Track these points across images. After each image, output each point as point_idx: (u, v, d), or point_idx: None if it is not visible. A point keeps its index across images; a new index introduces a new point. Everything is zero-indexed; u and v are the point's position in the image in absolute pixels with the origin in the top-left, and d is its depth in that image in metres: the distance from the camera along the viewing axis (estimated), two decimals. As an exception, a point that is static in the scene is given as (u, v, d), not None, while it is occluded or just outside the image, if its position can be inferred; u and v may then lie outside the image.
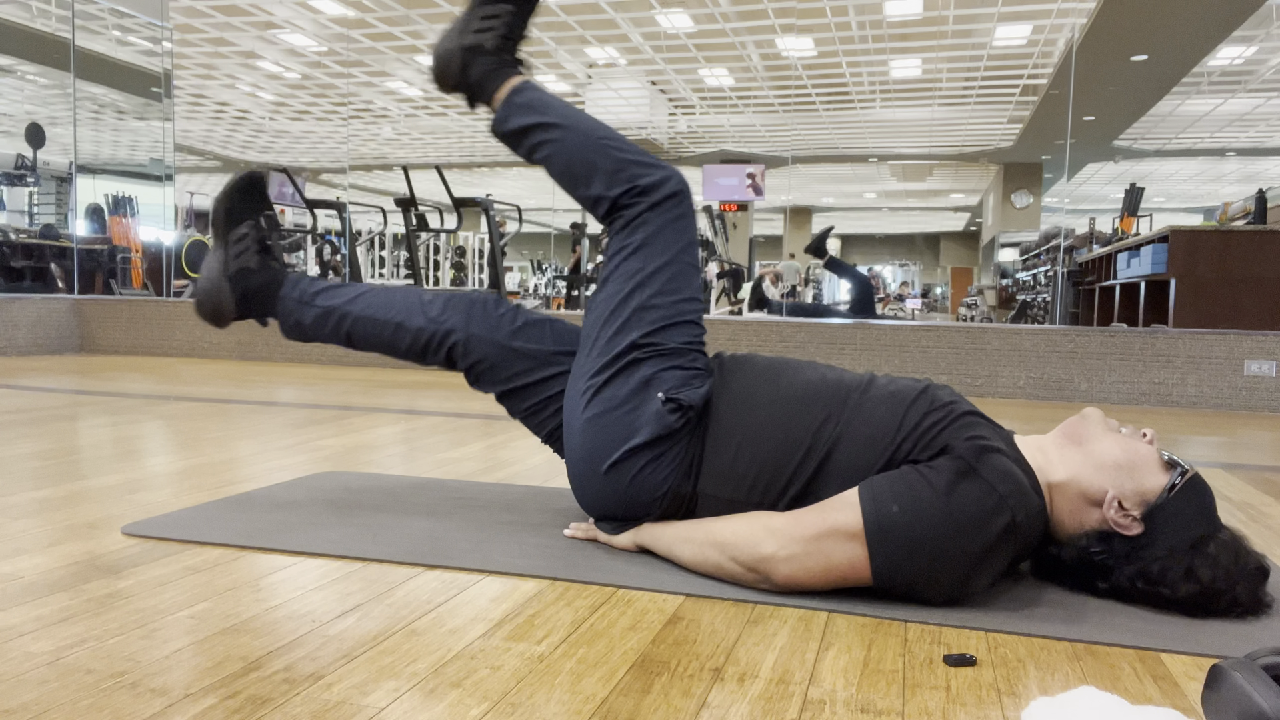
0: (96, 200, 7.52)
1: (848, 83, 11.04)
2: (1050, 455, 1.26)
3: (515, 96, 1.50)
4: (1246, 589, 1.17)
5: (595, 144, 1.45)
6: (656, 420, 1.32)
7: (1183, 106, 10.77)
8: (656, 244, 1.41)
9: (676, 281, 1.41)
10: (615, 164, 1.43)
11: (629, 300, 1.39)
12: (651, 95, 11.80)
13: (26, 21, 7.57)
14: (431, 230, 7.69)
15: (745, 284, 9.84)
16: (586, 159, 1.45)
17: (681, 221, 1.44)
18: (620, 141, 1.46)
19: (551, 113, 1.48)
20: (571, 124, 1.47)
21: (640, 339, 1.37)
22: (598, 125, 1.48)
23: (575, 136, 1.46)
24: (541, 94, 1.51)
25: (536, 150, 1.50)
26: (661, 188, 1.42)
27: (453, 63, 1.53)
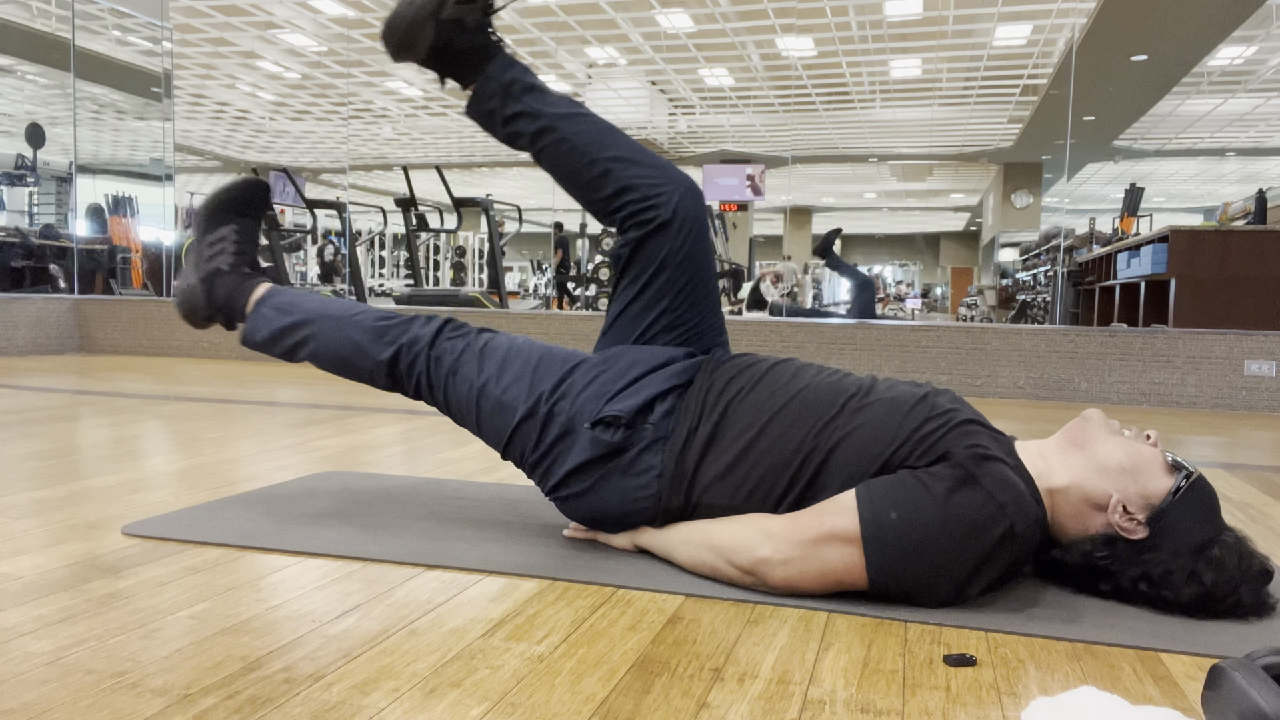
0: (96, 200, 7.53)
1: (848, 83, 11.04)
2: (1052, 460, 1.25)
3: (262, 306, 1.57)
4: (1250, 592, 1.16)
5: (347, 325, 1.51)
6: (592, 445, 1.32)
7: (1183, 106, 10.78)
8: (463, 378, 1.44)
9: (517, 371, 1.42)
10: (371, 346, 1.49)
11: (488, 391, 1.42)
12: (651, 95, 11.80)
13: (26, 21, 7.57)
14: (431, 230, 7.69)
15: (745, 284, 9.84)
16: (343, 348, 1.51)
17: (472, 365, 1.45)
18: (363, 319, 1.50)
19: (299, 311, 1.54)
20: (320, 315, 1.52)
21: (546, 392, 1.37)
22: (344, 306, 1.53)
23: (328, 325, 1.51)
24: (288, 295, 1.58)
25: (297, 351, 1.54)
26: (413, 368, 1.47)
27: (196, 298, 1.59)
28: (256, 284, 1.59)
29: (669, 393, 1.36)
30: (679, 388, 1.37)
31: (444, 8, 1.44)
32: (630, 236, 1.44)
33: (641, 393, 1.34)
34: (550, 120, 1.45)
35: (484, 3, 1.47)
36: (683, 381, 1.37)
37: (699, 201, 1.45)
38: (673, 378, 1.37)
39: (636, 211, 1.42)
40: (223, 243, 1.59)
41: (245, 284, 1.59)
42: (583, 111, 1.47)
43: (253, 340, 1.57)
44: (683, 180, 1.44)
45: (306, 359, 1.54)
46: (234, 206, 1.62)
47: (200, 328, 1.62)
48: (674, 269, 1.43)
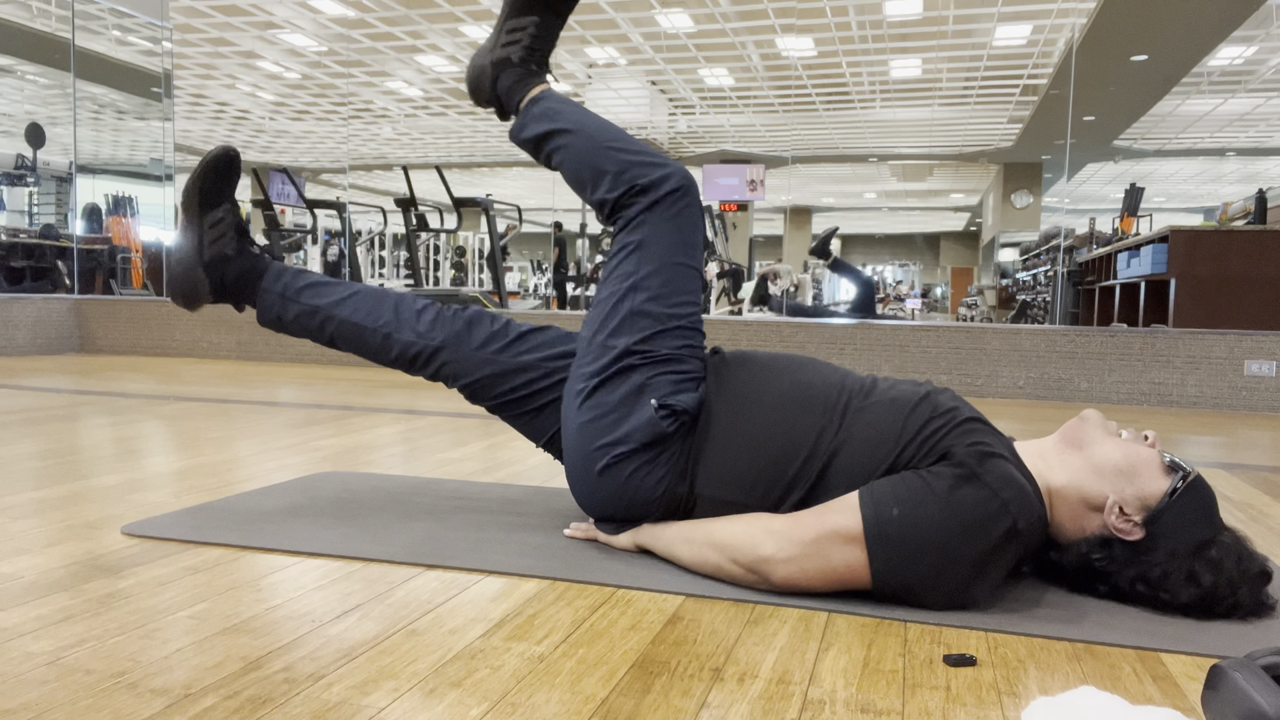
0: (96, 200, 7.53)
1: (848, 83, 11.04)
2: (1050, 460, 1.25)
3: (533, 106, 1.52)
4: (1249, 593, 1.16)
5: (600, 148, 1.45)
6: (649, 426, 1.32)
7: (1183, 106, 10.77)
8: (653, 245, 1.41)
9: (671, 285, 1.40)
10: (618, 165, 1.43)
11: (622, 304, 1.39)
12: (651, 95, 11.80)
13: (26, 21, 7.57)
14: (431, 230, 7.69)
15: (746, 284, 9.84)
16: (592, 163, 1.46)
17: (681, 219, 1.43)
18: (627, 143, 1.45)
19: (562, 119, 1.49)
20: (580, 129, 1.47)
21: (633, 345, 1.36)
22: (606, 129, 1.48)
23: (582, 141, 1.47)
24: (555, 102, 1.52)
25: (551, 157, 1.52)
26: (661, 185, 1.42)
27: (483, 78, 1.57)
28: (536, 83, 1.55)
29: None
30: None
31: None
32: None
33: (696, 391, 1.36)
34: (328, 310, 1.52)
35: (234, 230, 1.54)
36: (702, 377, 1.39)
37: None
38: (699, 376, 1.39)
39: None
40: (522, 32, 1.54)
41: (527, 80, 1.55)
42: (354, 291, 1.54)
43: (517, 137, 1.55)
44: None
45: (557, 168, 1.52)
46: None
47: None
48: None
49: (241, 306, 1.60)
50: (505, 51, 1.55)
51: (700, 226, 1.46)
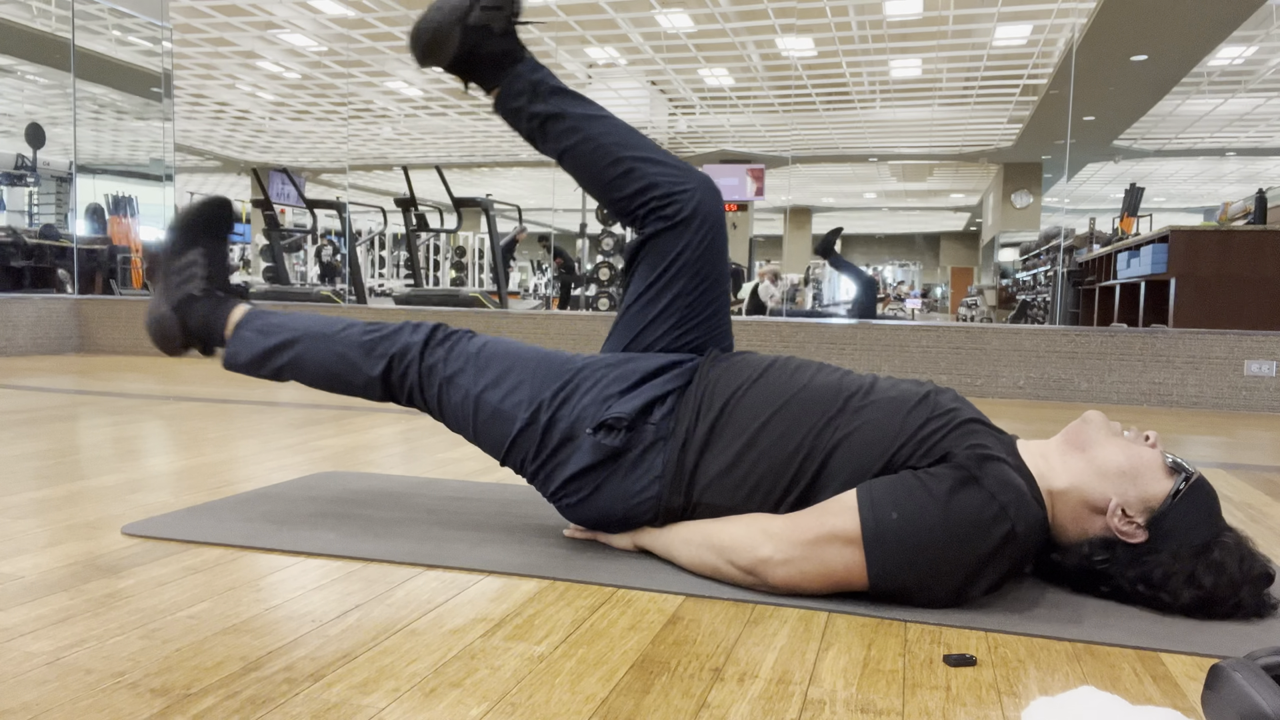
0: (96, 200, 7.53)
1: (848, 83, 11.03)
2: (1052, 462, 1.25)
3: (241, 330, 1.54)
4: (1251, 594, 1.16)
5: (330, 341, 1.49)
6: (594, 450, 1.32)
7: (1183, 106, 10.77)
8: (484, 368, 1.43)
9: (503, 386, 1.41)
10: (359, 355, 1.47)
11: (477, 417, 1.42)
12: (651, 95, 11.80)
13: (26, 21, 7.57)
14: (431, 230, 7.69)
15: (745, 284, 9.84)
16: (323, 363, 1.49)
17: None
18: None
19: (284, 331, 1.52)
20: (305, 333, 1.51)
21: (545, 400, 1.36)
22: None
23: (310, 344, 1.50)
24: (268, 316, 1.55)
25: (281, 373, 1.53)
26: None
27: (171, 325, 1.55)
28: (232, 307, 1.56)
29: (668, 395, 1.36)
30: (678, 389, 1.36)
31: (470, 14, 1.45)
32: (649, 231, 1.44)
33: (642, 395, 1.34)
34: (575, 120, 1.46)
35: (510, 10, 1.47)
36: (682, 383, 1.37)
37: (719, 200, 1.46)
38: (672, 380, 1.37)
39: (659, 207, 1.43)
40: (192, 267, 1.55)
41: (220, 308, 1.55)
42: (606, 114, 1.48)
43: (235, 364, 1.54)
44: (704, 179, 1.46)
45: (293, 379, 1.53)
46: (199, 227, 1.58)
47: (175, 355, 1.59)
48: (689, 264, 1.43)
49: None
50: (183, 290, 1.55)
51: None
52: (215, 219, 1.59)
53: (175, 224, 1.57)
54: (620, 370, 1.38)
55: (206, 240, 1.57)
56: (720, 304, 1.48)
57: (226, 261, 1.60)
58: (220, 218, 1.60)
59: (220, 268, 1.58)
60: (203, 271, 1.55)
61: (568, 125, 1.46)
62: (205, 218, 1.58)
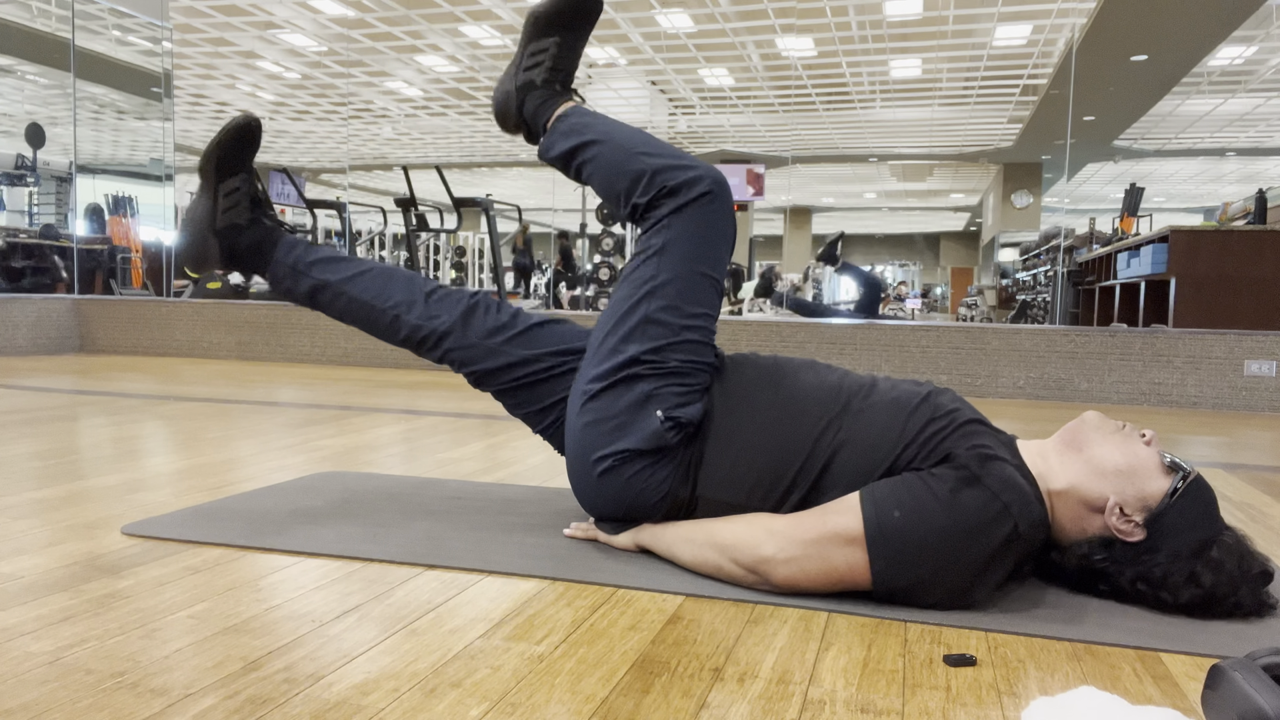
0: (96, 200, 7.53)
1: (848, 83, 11.04)
2: (1051, 462, 1.25)
3: (559, 124, 1.52)
4: (1250, 593, 1.16)
5: (630, 154, 1.44)
6: (654, 437, 1.31)
7: (1183, 106, 10.78)
8: (675, 251, 1.39)
9: (687, 295, 1.38)
10: (648, 169, 1.42)
11: (637, 309, 1.38)
12: (651, 95, 11.80)
13: (26, 21, 7.57)
14: (431, 230, 7.69)
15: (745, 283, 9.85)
16: (622, 170, 1.45)
17: (708, 224, 1.41)
18: (657, 147, 1.45)
19: (590, 132, 1.49)
20: (608, 138, 1.47)
21: (643, 353, 1.35)
22: (635, 136, 1.47)
23: (611, 150, 1.46)
24: (583, 116, 1.52)
25: (581, 171, 1.51)
26: (691, 188, 1.40)
27: (509, 104, 1.56)
28: (561, 102, 1.55)
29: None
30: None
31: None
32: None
33: (700, 401, 1.35)
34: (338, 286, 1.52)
35: (249, 199, 1.53)
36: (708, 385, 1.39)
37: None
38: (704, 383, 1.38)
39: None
40: (543, 55, 1.54)
41: (551, 101, 1.54)
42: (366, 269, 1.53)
43: (547, 155, 1.55)
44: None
45: (587, 182, 1.52)
46: (564, 19, 1.54)
47: (511, 133, 1.60)
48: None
49: (250, 276, 1.60)
50: (529, 75, 1.55)
51: (729, 233, 1.43)
52: (252, 141, 1.55)
53: (544, 8, 1.53)
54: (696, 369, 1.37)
55: (566, 33, 1.55)
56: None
57: (577, 58, 1.59)
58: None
59: (569, 61, 1.57)
60: (551, 62, 1.54)
61: (332, 292, 1.52)
62: (575, 9, 1.54)
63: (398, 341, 1.52)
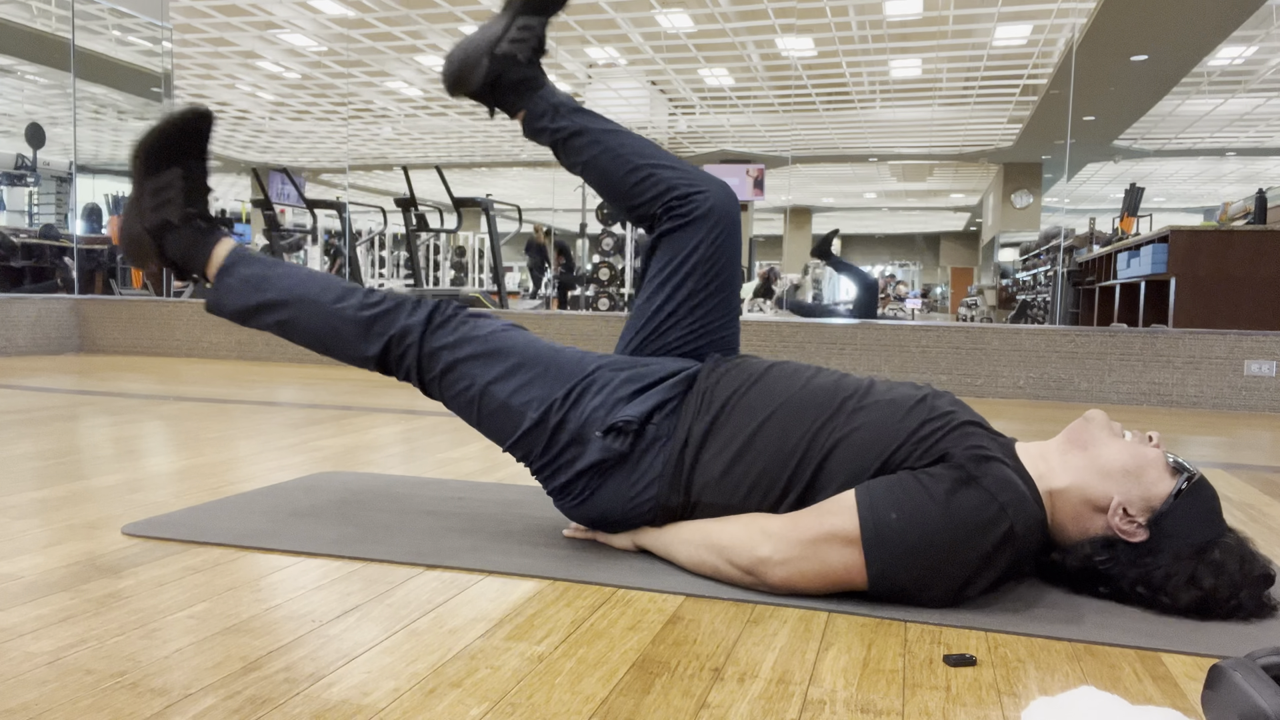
0: (96, 200, 7.53)
1: (848, 83, 11.04)
2: (1053, 461, 1.25)
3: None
4: (1251, 595, 1.16)
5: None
6: (602, 452, 1.32)
7: (1183, 106, 10.78)
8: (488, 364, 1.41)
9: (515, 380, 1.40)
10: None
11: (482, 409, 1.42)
12: (651, 95, 11.80)
13: (26, 21, 7.57)
14: (431, 230, 7.69)
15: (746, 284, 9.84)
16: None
17: None
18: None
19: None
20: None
21: (546, 409, 1.36)
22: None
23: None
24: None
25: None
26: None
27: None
28: (215, 242, 1.48)
29: (673, 399, 1.36)
30: (682, 393, 1.37)
31: (498, 44, 1.53)
32: (665, 228, 1.47)
33: (651, 399, 1.35)
34: (595, 135, 1.52)
35: (536, 40, 1.54)
36: (686, 388, 1.38)
37: (735, 203, 1.49)
38: (679, 384, 1.38)
39: (675, 206, 1.46)
40: (168, 190, 1.44)
41: (203, 242, 1.47)
42: (623, 129, 1.54)
43: (219, 311, 1.48)
44: (720, 184, 1.49)
45: (280, 336, 1.48)
46: (178, 145, 1.44)
47: (149, 273, 1.58)
48: (702, 260, 1.45)
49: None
50: (160, 215, 1.45)
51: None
52: (196, 132, 1.45)
53: (150, 139, 1.43)
54: (630, 373, 1.39)
55: (186, 159, 1.45)
56: (731, 306, 1.50)
57: (206, 183, 1.50)
58: (202, 131, 1.46)
59: (201, 191, 1.48)
60: (181, 197, 1.45)
61: (589, 139, 1.52)
62: (185, 131, 1.43)
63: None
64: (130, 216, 1.47)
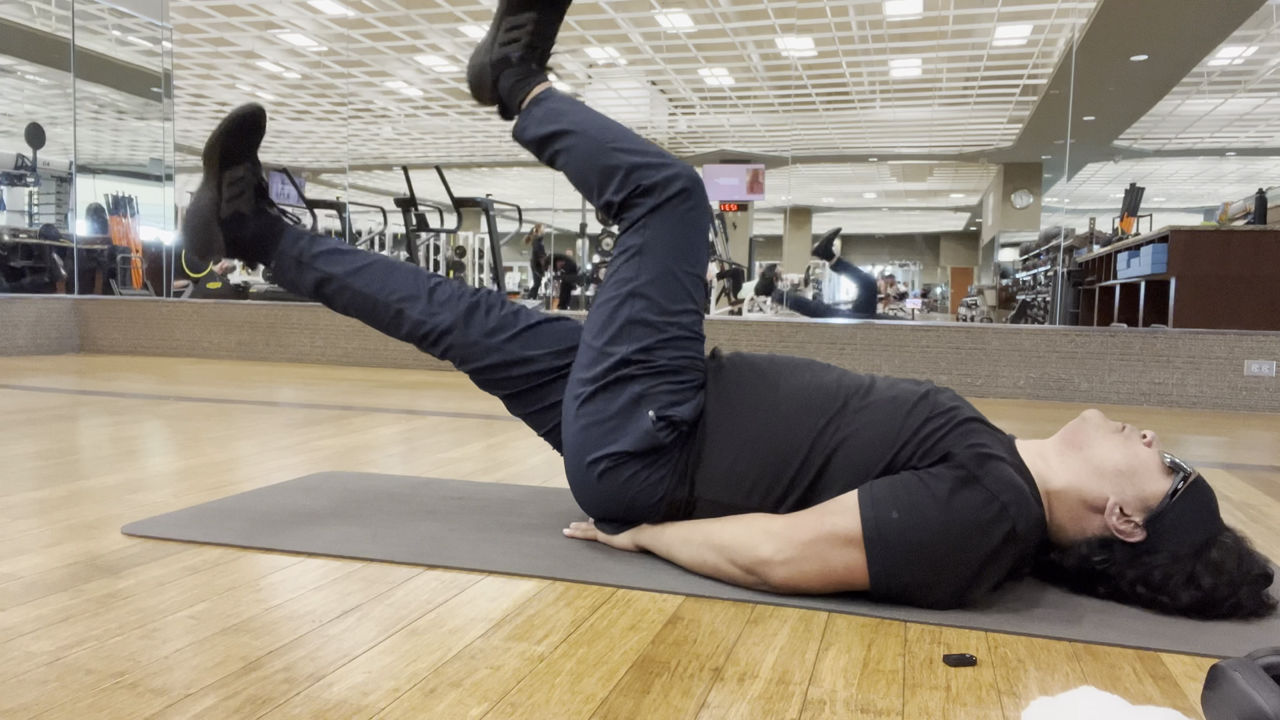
0: (96, 200, 7.53)
1: (848, 83, 11.04)
2: (1051, 461, 1.25)
3: (534, 107, 1.52)
4: (1250, 594, 1.16)
5: (604, 149, 1.44)
6: (647, 437, 1.32)
7: (1183, 106, 10.78)
8: (654, 250, 1.39)
9: (670, 293, 1.38)
10: (623, 166, 1.42)
11: (620, 310, 1.38)
12: (651, 95, 11.80)
13: (26, 21, 7.57)
14: (431, 230, 7.69)
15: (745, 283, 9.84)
16: (596, 164, 1.44)
17: (686, 223, 1.41)
18: (632, 142, 1.44)
19: (565, 120, 1.48)
20: (583, 129, 1.47)
21: (631, 354, 1.35)
22: (609, 129, 1.46)
23: (585, 143, 1.46)
24: (559, 101, 1.51)
25: (555, 160, 1.51)
26: (667, 187, 1.40)
27: (484, 77, 1.56)
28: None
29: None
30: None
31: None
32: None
33: (694, 399, 1.35)
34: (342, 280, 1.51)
35: (529, 37, 1.53)
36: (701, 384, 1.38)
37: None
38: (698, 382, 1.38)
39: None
40: (520, 30, 1.54)
41: (527, 80, 1.54)
42: (370, 261, 1.52)
43: (521, 138, 1.55)
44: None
45: (561, 169, 1.52)
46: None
47: (486, 104, 1.61)
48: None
49: (255, 265, 1.59)
50: (504, 50, 1.54)
51: (705, 230, 1.44)
52: (256, 129, 1.55)
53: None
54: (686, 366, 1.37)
55: (545, 8, 1.55)
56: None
57: (554, 36, 1.59)
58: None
59: (546, 39, 1.57)
60: (528, 38, 1.54)
61: (336, 285, 1.51)
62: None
63: (401, 336, 1.51)
64: (483, 45, 1.56)
